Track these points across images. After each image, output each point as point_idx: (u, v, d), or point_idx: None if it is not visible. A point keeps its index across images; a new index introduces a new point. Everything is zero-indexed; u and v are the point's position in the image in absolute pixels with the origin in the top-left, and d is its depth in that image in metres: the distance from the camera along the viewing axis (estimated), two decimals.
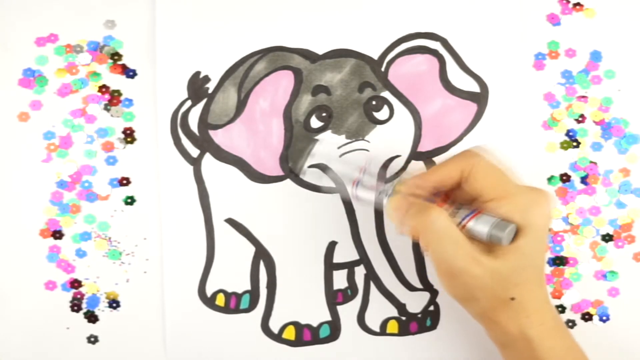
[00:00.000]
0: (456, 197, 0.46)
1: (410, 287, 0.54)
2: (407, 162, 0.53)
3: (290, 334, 0.54)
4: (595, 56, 0.55)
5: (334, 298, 0.54)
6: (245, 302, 0.54)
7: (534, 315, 0.44)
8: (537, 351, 0.44)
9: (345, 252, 0.54)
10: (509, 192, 0.43)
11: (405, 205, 0.44)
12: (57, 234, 0.53)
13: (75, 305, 0.54)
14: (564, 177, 0.54)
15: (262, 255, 0.54)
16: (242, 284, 0.54)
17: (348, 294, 0.54)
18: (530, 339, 0.43)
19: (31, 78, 0.54)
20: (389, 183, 0.46)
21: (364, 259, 0.54)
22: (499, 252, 0.42)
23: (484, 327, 0.46)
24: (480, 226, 0.42)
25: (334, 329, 0.54)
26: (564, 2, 0.55)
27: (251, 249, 0.54)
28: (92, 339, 0.54)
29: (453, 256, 0.42)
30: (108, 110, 0.54)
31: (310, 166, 0.53)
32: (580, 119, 0.54)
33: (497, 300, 0.43)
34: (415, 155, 0.53)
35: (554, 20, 0.55)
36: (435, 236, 0.42)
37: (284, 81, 0.53)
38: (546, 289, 0.45)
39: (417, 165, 0.53)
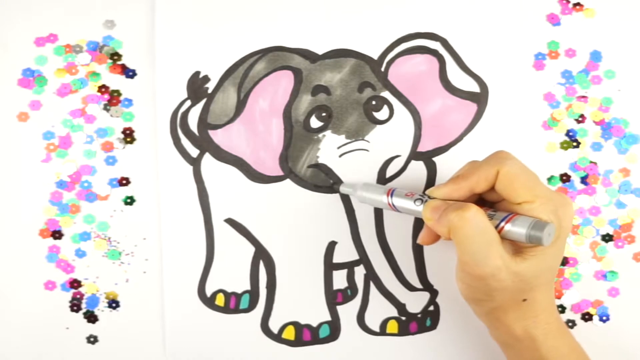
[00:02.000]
0: (485, 202, 0.45)
1: (410, 287, 0.54)
2: (407, 162, 0.53)
3: (289, 334, 0.54)
4: (595, 56, 0.55)
5: (334, 298, 0.54)
6: (244, 302, 0.54)
7: (541, 315, 0.44)
8: (541, 350, 0.44)
9: (345, 252, 0.54)
10: (540, 194, 0.42)
11: (443, 206, 0.43)
12: (57, 234, 0.53)
13: (75, 305, 0.54)
14: (564, 177, 0.54)
15: (261, 255, 0.54)
16: (241, 284, 0.54)
17: (348, 294, 0.54)
18: (535, 338, 0.44)
19: (30, 78, 0.54)
20: (419, 198, 0.46)
21: (363, 259, 0.54)
22: (527, 254, 0.42)
23: (488, 326, 0.46)
24: (518, 228, 0.41)
25: (334, 329, 0.54)
26: (564, 2, 0.55)
27: (251, 249, 0.54)
28: (92, 339, 0.54)
29: (486, 257, 0.41)
30: (107, 110, 0.54)
31: (310, 166, 0.53)
32: (580, 119, 0.54)
33: (510, 301, 0.43)
34: (415, 155, 0.53)
35: (554, 20, 0.55)
36: (471, 234, 0.41)
37: (283, 81, 0.53)
38: (553, 290, 0.45)
39: (417, 166, 0.53)
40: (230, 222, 0.53)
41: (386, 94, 0.53)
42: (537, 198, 0.42)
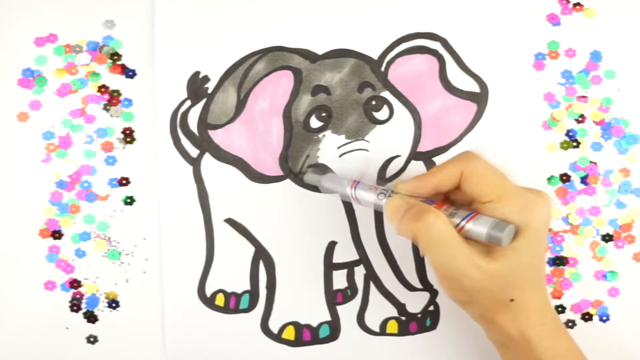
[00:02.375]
0: (454, 199, 0.46)
1: (410, 287, 0.54)
2: (407, 162, 0.53)
3: (289, 334, 0.54)
4: (595, 56, 0.55)
5: (334, 298, 0.54)
6: (244, 302, 0.54)
7: (533, 316, 0.44)
8: (537, 352, 0.44)
9: (345, 252, 0.54)
10: (507, 193, 0.43)
11: (404, 207, 0.44)
12: (57, 234, 0.53)
13: (75, 305, 0.54)
14: (564, 177, 0.54)
15: (261, 255, 0.54)
16: (241, 284, 0.54)
17: (348, 294, 0.54)
18: (530, 340, 0.43)
19: (30, 78, 0.54)
20: (388, 184, 0.46)
21: (363, 259, 0.54)
22: (497, 254, 0.42)
23: (484, 329, 0.46)
24: (479, 227, 0.42)
25: (334, 329, 0.54)
26: (564, 2, 0.55)
27: (251, 249, 0.54)
28: (92, 339, 0.54)
29: (451, 260, 0.42)
30: (107, 110, 0.54)
31: (310, 166, 0.53)
32: (580, 119, 0.54)
33: (496, 302, 0.43)
34: (415, 155, 0.53)
35: (554, 20, 0.55)
36: (433, 240, 0.42)
37: (283, 81, 0.53)
38: (546, 290, 0.45)
39: (417, 166, 0.53)
40: (230, 222, 0.53)
41: (386, 94, 0.53)
42: (502, 197, 0.43)
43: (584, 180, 0.54)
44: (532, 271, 0.44)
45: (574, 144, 0.54)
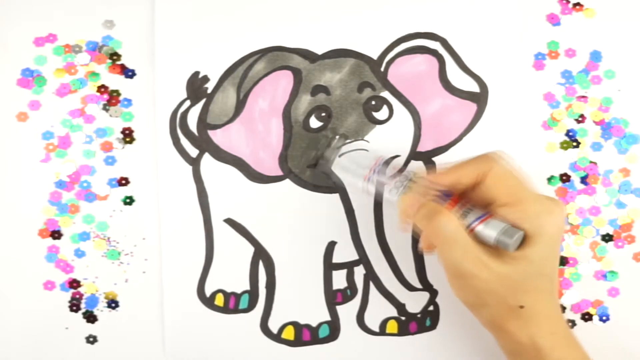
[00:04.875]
0: (469, 199, 0.45)
1: (410, 287, 0.54)
2: (407, 162, 0.53)
3: (289, 334, 0.54)
4: (595, 56, 0.55)
5: (334, 298, 0.54)
6: (244, 302, 0.54)
7: (544, 325, 0.43)
8: None
9: (345, 252, 0.54)
10: (523, 199, 0.43)
11: (417, 204, 0.44)
12: (56, 234, 0.53)
13: (74, 305, 0.54)
14: (564, 177, 0.54)
15: (261, 255, 0.54)
16: (241, 284, 0.54)
17: (347, 294, 0.54)
18: (540, 348, 0.43)
19: (30, 78, 0.54)
20: (403, 178, 0.46)
21: (363, 259, 0.54)
22: (508, 257, 0.42)
23: (494, 336, 0.46)
24: (489, 231, 0.42)
25: (334, 329, 0.54)
26: (564, 2, 0.55)
27: (250, 249, 0.54)
28: (91, 339, 0.54)
29: (461, 260, 0.42)
30: (107, 110, 0.54)
31: (309, 166, 0.53)
32: (580, 119, 0.54)
33: (506, 307, 0.43)
34: (414, 155, 0.53)
35: (553, 20, 0.55)
36: (444, 241, 0.42)
37: (283, 81, 0.53)
38: (557, 300, 0.45)
39: (417, 165, 0.53)
40: (230, 222, 0.53)
41: (386, 94, 0.53)
42: (517, 203, 0.42)
43: (584, 180, 0.54)
44: (543, 279, 0.44)
45: (574, 144, 0.54)
